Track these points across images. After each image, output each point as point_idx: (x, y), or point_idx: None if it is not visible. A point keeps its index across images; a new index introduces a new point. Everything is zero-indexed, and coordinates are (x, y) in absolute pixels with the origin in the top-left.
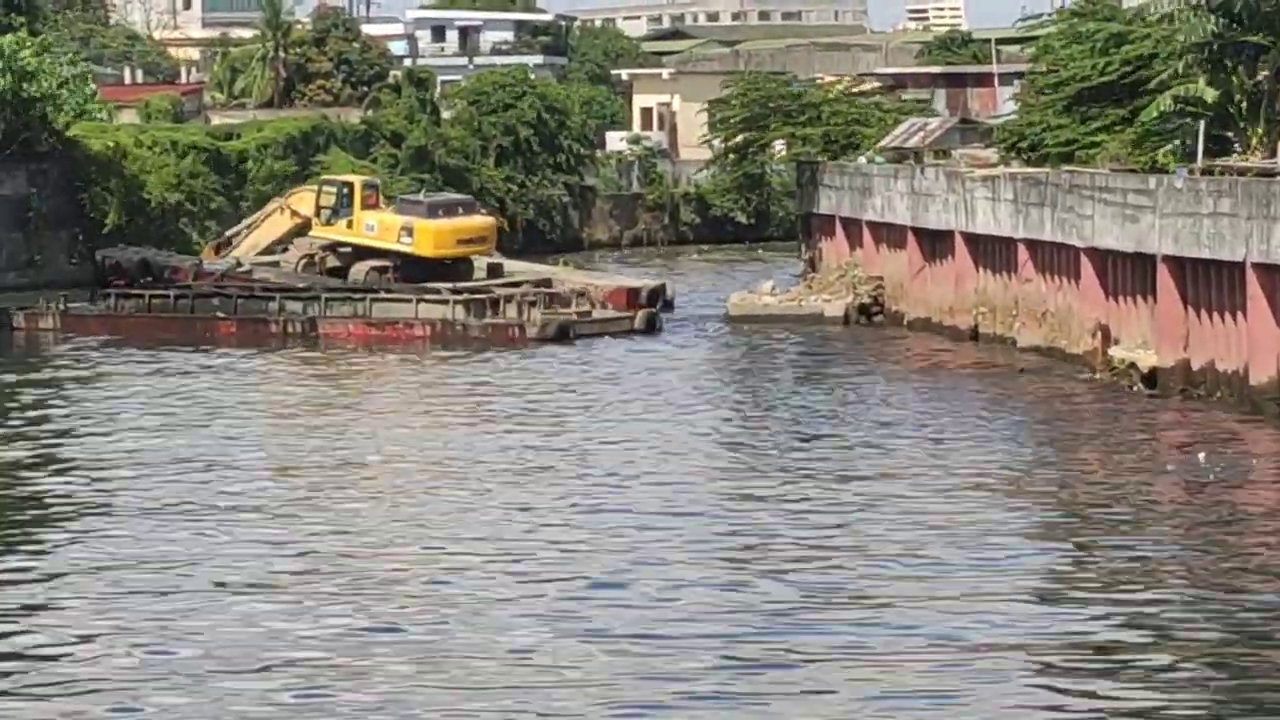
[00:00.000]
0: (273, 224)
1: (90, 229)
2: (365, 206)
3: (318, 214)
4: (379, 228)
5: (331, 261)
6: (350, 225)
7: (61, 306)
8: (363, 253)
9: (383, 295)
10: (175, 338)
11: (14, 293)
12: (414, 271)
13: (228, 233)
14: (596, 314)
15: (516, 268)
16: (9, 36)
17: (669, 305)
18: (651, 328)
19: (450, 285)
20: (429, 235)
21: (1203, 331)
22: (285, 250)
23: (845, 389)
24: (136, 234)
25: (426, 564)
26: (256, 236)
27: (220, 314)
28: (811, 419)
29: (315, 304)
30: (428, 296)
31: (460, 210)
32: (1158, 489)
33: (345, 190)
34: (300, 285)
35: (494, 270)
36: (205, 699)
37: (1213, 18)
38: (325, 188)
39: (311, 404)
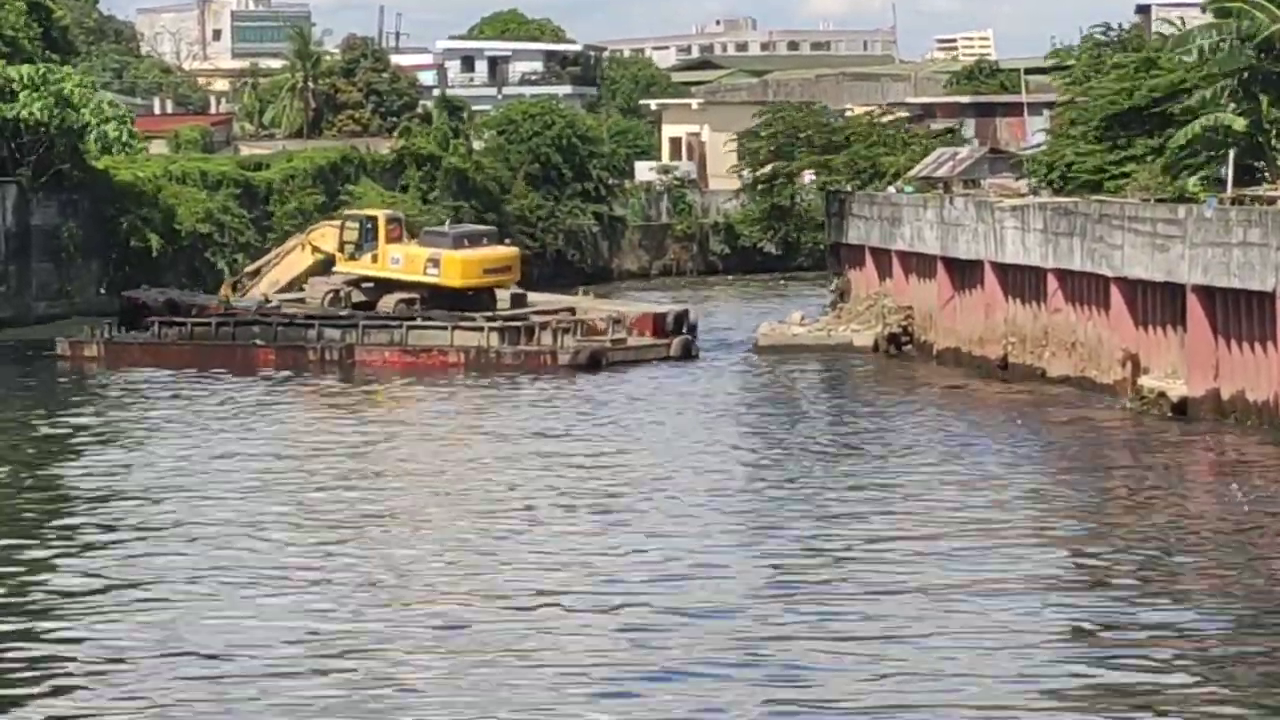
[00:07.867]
0: (293, 260)
1: (120, 260)
2: (389, 240)
3: (341, 249)
4: (405, 260)
5: (357, 296)
6: (375, 259)
7: (106, 335)
8: (389, 286)
9: (419, 323)
10: (216, 365)
11: (46, 323)
12: (440, 303)
13: (246, 270)
14: (631, 342)
15: (539, 298)
16: (53, 66)
17: (692, 330)
18: (687, 355)
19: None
20: (456, 266)
21: (1233, 361)
22: (302, 289)
23: (875, 419)
24: (166, 265)
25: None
26: (277, 273)
27: (260, 341)
28: (843, 448)
29: (353, 331)
30: (463, 324)
31: (485, 241)
32: (1191, 521)
33: (369, 224)
34: (340, 313)
35: (517, 300)
36: None
37: (1246, 48)
38: (348, 222)
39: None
